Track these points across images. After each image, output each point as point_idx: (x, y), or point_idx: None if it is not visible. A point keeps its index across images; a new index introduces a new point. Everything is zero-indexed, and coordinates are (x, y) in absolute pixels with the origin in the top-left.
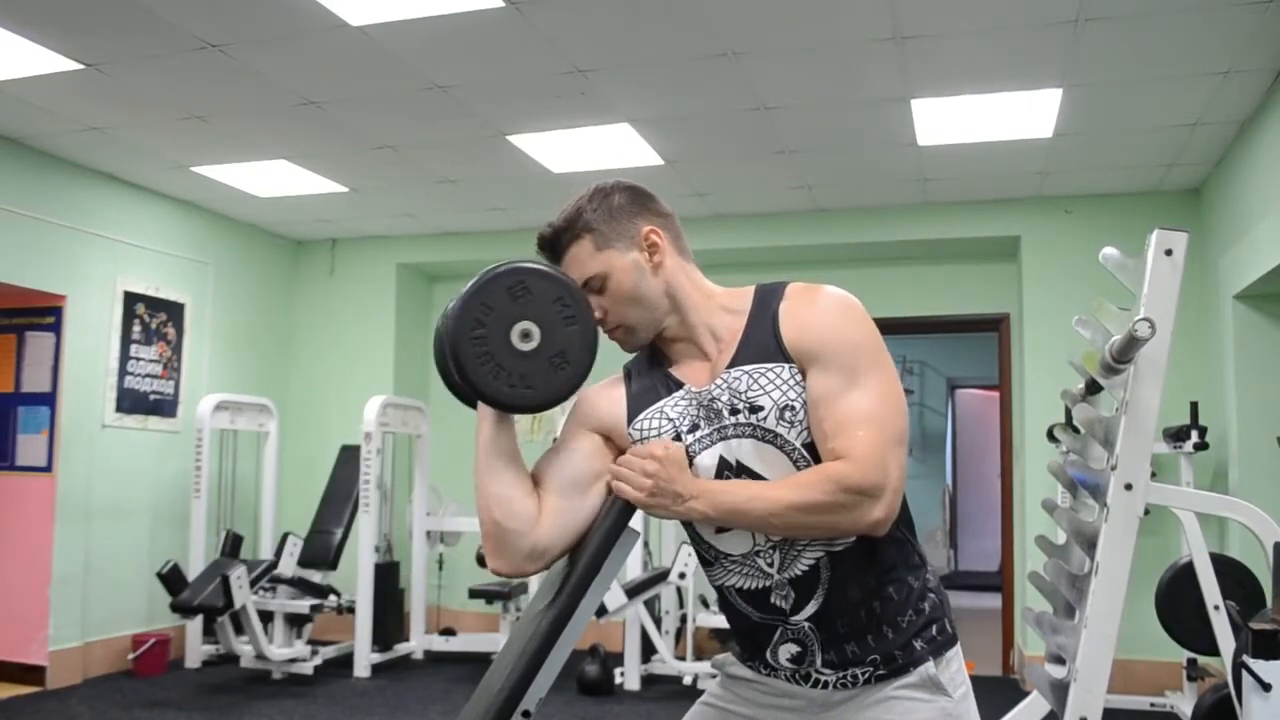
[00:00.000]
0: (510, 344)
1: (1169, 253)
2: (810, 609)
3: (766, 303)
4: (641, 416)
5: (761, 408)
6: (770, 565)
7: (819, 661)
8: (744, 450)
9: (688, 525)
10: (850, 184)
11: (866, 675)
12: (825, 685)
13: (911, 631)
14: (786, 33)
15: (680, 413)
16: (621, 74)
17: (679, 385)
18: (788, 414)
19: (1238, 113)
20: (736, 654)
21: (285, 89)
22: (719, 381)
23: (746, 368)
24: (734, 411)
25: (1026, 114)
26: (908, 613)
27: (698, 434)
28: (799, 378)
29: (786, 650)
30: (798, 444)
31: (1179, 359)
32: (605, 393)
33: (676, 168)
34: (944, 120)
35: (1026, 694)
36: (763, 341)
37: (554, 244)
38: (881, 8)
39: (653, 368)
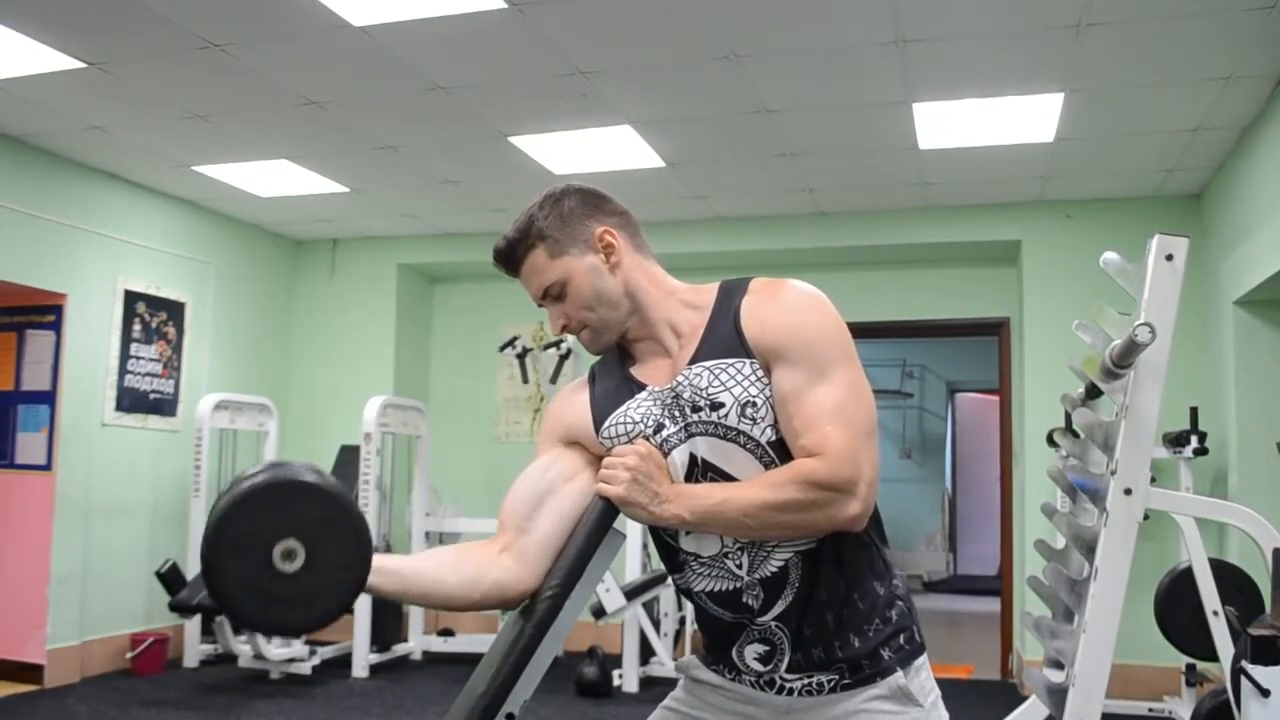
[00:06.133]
0: (285, 575)
1: (1169, 258)
2: (779, 608)
3: (729, 298)
4: (608, 423)
5: (722, 404)
6: (739, 567)
7: (786, 663)
8: (710, 449)
9: (654, 530)
10: (851, 187)
11: (832, 683)
12: (790, 692)
13: (878, 640)
14: (788, 35)
15: (644, 415)
16: (623, 76)
17: (641, 387)
18: (749, 410)
19: (1239, 118)
20: (702, 657)
21: (287, 89)
22: (680, 379)
23: (707, 363)
24: (696, 409)
25: (1028, 118)
26: (874, 620)
27: (664, 434)
28: (760, 374)
29: (754, 650)
30: (763, 441)
31: (1179, 364)
32: (569, 400)
33: (677, 170)
34: (945, 124)
35: (1025, 698)
36: (724, 337)
37: (509, 256)
38: (883, 11)
39: (616, 369)
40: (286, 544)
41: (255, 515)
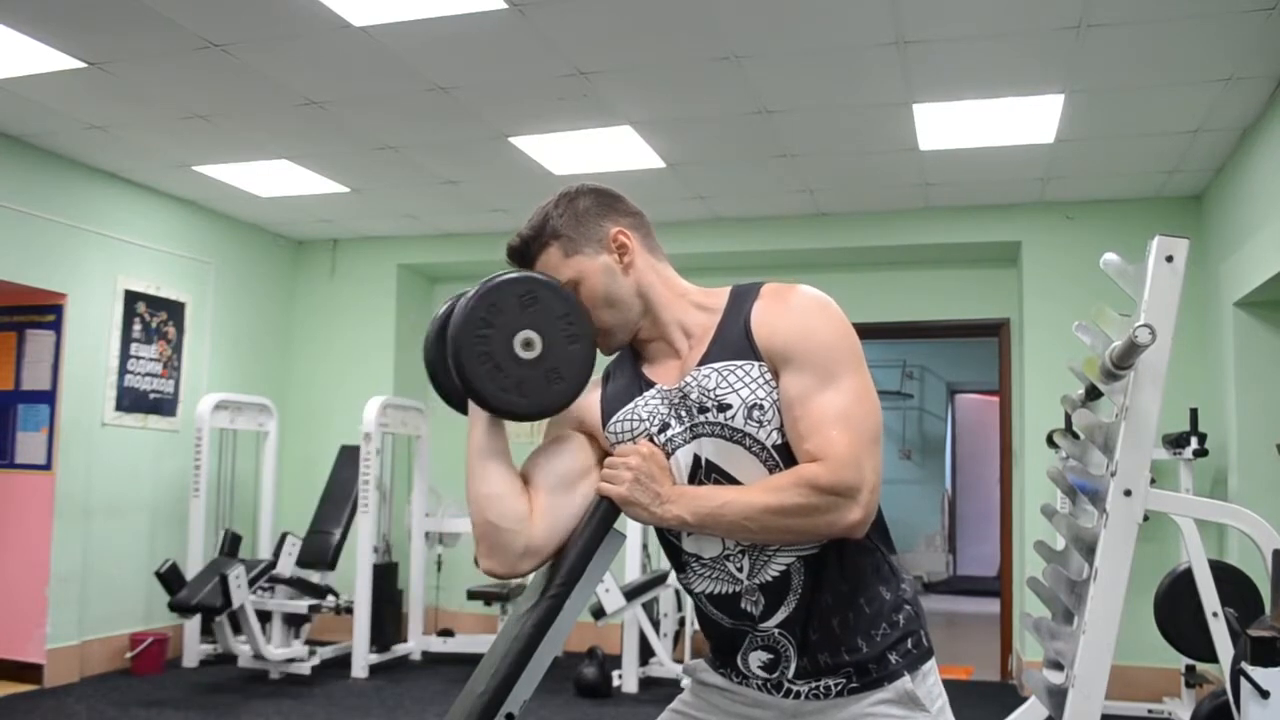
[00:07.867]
0: (512, 349)
1: (1170, 259)
2: (781, 615)
3: (740, 302)
4: (615, 419)
5: (730, 406)
6: (740, 570)
7: (792, 670)
8: (715, 450)
9: (658, 529)
10: (852, 188)
11: (840, 687)
12: (797, 695)
13: (886, 644)
14: (788, 36)
15: (651, 413)
16: (623, 76)
17: (650, 385)
18: (755, 413)
19: (1239, 120)
20: (709, 660)
21: (287, 89)
22: (689, 379)
23: (716, 365)
24: (703, 410)
25: (1028, 119)
26: (881, 625)
27: (669, 433)
28: (769, 377)
29: (758, 657)
30: (768, 445)
31: (1179, 365)
32: (585, 394)
33: (678, 170)
34: (946, 125)
35: (1025, 699)
36: (734, 340)
37: (523, 254)
38: (884, 12)
39: (629, 367)
40: (527, 334)
41: (514, 301)
